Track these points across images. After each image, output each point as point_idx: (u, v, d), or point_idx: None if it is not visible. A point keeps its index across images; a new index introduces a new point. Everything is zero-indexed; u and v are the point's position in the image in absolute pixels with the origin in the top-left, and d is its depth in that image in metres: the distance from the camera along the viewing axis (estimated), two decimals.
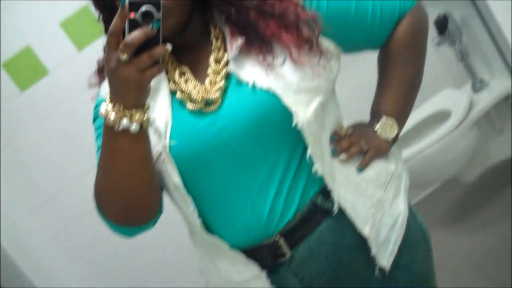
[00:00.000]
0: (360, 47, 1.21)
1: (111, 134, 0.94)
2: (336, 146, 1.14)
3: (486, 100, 2.58)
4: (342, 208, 1.11)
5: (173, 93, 1.09)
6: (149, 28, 0.86)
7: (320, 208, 1.11)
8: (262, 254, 1.12)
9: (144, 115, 0.93)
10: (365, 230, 1.12)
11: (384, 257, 1.15)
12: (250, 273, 1.14)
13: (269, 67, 1.04)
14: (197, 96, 1.06)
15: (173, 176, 1.06)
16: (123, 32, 0.87)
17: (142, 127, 0.94)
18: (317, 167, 1.08)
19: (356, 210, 1.12)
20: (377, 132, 1.21)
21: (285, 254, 1.12)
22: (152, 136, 1.03)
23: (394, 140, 1.22)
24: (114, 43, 0.87)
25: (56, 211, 2.83)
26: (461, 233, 2.80)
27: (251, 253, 1.12)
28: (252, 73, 1.05)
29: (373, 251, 1.13)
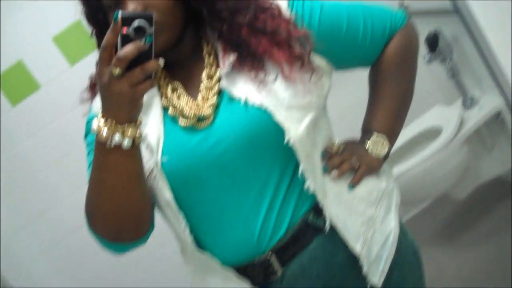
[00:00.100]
0: (351, 65, 1.22)
1: (103, 150, 0.93)
2: (328, 163, 1.14)
3: (477, 117, 2.59)
4: (334, 226, 1.11)
5: (165, 109, 1.09)
6: (142, 43, 0.86)
7: (312, 225, 1.11)
8: (254, 272, 1.11)
9: (137, 131, 0.93)
10: (357, 248, 1.12)
11: (376, 275, 1.15)
12: None
13: (261, 84, 1.04)
14: (190, 112, 1.06)
15: (165, 193, 1.05)
16: (116, 47, 0.87)
17: (135, 143, 0.94)
18: (309, 184, 1.08)
19: (348, 228, 1.12)
20: (368, 149, 1.21)
21: (277, 272, 1.11)
22: (144, 152, 1.02)
23: (385, 157, 1.23)
24: (107, 58, 0.87)
25: (47, 227, 2.81)
26: (453, 250, 2.80)
27: (243, 271, 1.12)
28: (244, 90, 1.05)
29: (365, 269, 1.13)
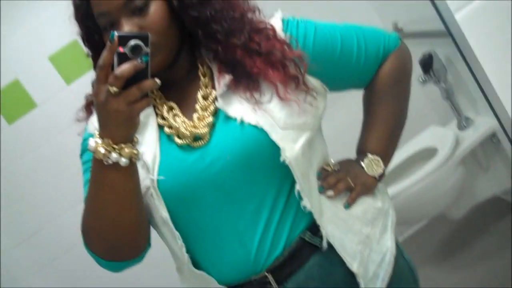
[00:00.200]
0: (345, 86, 1.23)
1: (101, 167, 0.94)
2: (323, 182, 1.14)
3: (472, 138, 2.59)
4: (331, 244, 1.11)
5: (161, 128, 1.09)
6: (138, 61, 0.87)
7: (308, 244, 1.11)
8: None
9: (133, 150, 0.93)
10: (354, 266, 1.12)
11: None
12: None
13: (257, 104, 1.05)
14: (186, 132, 1.06)
15: (161, 211, 1.05)
16: (112, 66, 0.87)
17: (131, 161, 0.94)
18: (305, 203, 1.08)
19: (344, 246, 1.12)
20: (364, 169, 1.21)
21: None
22: (140, 171, 1.03)
23: (381, 177, 1.23)
24: (103, 76, 0.87)
25: (44, 243, 2.80)
26: (449, 270, 2.79)
27: None
28: (240, 110, 1.05)
29: None
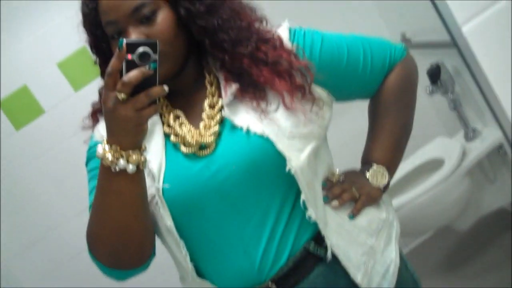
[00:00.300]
0: (351, 96, 1.23)
1: (108, 174, 0.94)
2: (328, 193, 1.14)
3: (479, 149, 2.58)
4: (335, 255, 1.10)
5: (167, 137, 1.10)
6: (147, 68, 0.87)
7: (313, 255, 1.10)
8: None
9: (141, 157, 0.94)
10: (358, 278, 1.11)
11: None
12: None
13: (263, 113, 1.05)
14: (192, 140, 1.06)
15: (166, 219, 1.05)
16: (121, 73, 0.88)
17: (139, 168, 0.95)
18: (311, 213, 1.07)
19: (349, 257, 1.12)
20: (368, 180, 1.21)
21: None
22: (146, 179, 1.03)
23: (385, 188, 1.23)
24: (112, 83, 0.88)
25: (48, 251, 2.80)
26: (454, 283, 2.77)
27: None
28: (246, 119, 1.05)
29: None
